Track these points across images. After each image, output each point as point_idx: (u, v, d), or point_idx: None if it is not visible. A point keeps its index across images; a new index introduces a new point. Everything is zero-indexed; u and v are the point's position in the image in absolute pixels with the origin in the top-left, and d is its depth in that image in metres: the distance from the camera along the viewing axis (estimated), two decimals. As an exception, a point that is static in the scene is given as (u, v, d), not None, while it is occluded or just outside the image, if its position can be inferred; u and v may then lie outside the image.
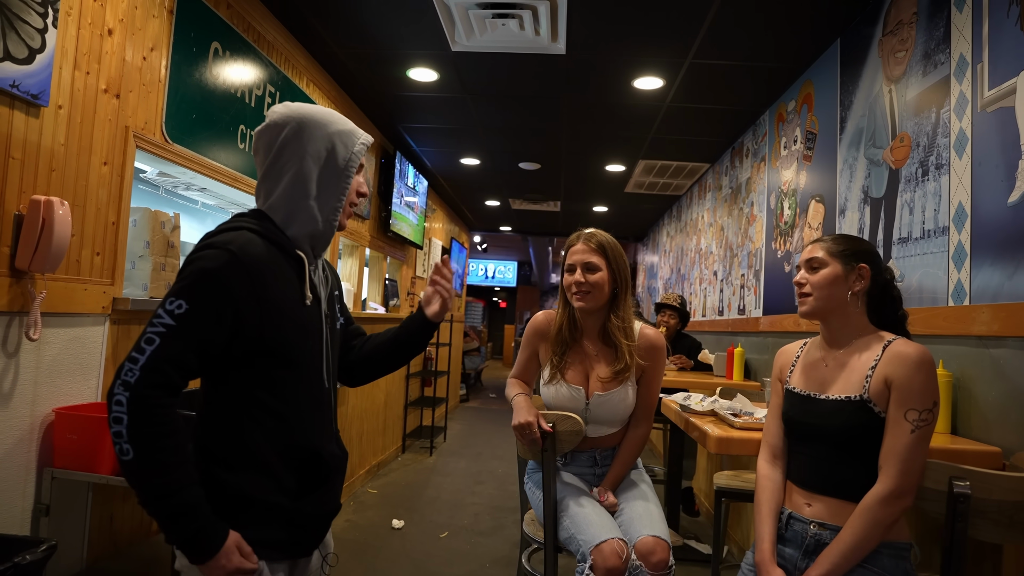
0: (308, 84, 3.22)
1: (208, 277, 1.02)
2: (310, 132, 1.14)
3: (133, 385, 0.96)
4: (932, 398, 1.26)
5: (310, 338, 1.16)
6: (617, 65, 3.16)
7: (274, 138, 1.15)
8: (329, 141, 1.15)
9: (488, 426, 6.98)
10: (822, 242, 1.45)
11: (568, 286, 1.78)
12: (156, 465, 0.97)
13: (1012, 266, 1.60)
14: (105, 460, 1.66)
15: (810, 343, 1.52)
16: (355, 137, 1.19)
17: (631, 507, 1.68)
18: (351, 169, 1.17)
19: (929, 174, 1.99)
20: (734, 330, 3.98)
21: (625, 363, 1.75)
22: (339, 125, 1.17)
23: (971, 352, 1.74)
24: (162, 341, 0.98)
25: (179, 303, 1.00)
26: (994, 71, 1.72)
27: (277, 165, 1.15)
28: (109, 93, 1.87)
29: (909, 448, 1.24)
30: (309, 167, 1.14)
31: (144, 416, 0.96)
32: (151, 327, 0.99)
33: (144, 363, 0.97)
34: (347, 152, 1.17)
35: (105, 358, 1.87)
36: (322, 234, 1.18)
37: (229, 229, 1.10)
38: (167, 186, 2.63)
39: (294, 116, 1.15)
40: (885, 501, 1.24)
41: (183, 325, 0.99)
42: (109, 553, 1.89)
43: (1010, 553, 1.53)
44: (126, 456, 0.96)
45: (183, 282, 1.02)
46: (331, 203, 1.17)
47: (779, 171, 3.39)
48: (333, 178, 1.16)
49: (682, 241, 6.00)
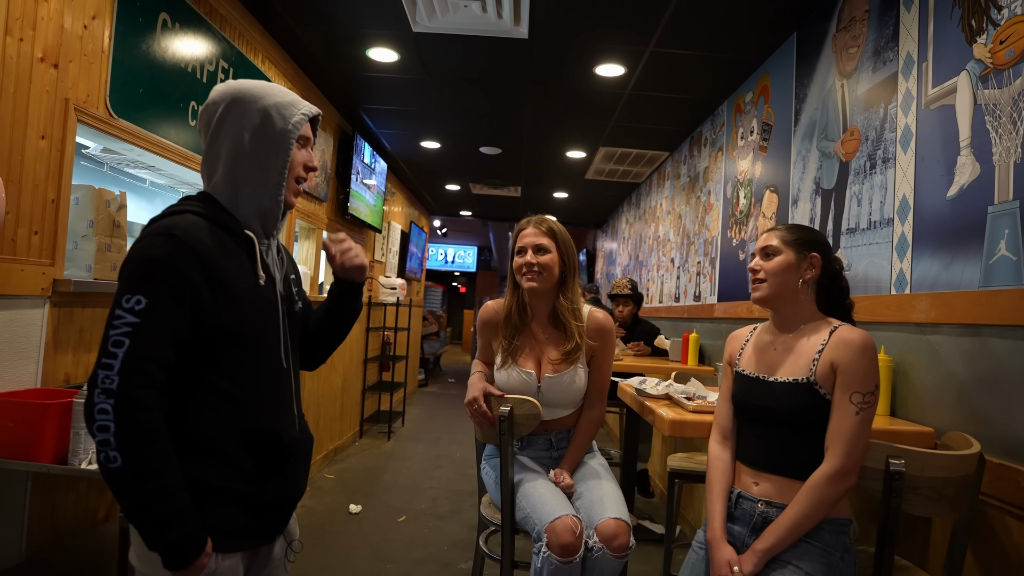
0: (263, 61, 3.12)
1: (159, 265, 0.99)
2: (244, 106, 1.11)
3: (116, 392, 0.93)
4: (874, 381, 1.33)
5: (266, 318, 1.13)
6: (579, 51, 3.16)
7: (211, 117, 1.12)
8: (264, 113, 1.11)
9: (447, 411, 6.98)
10: (777, 231, 1.50)
11: (519, 268, 1.81)
12: (145, 472, 0.94)
13: (948, 257, 1.68)
14: (45, 449, 1.59)
15: (760, 328, 1.57)
16: (294, 108, 1.14)
17: (590, 491, 1.71)
18: (289, 141, 1.13)
19: (876, 167, 2.06)
20: (690, 316, 4.07)
21: (575, 343, 1.79)
22: (276, 97, 1.13)
23: (910, 338, 1.82)
24: (132, 341, 0.95)
25: (137, 298, 0.96)
26: (938, 70, 1.79)
27: (215, 144, 1.12)
28: (46, 62, 1.77)
29: (854, 429, 1.30)
30: (245, 142, 1.11)
31: (132, 423, 0.93)
32: (113, 330, 0.95)
33: (121, 367, 0.94)
34: (284, 123, 1.12)
35: (45, 342, 1.79)
36: (270, 211, 1.14)
37: (172, 213, 1.07)
38: (113, 163, 2.52)
39: (229, 92, 1.12)
40: (831, 480, 1.29)
41: (149, 320, 0.96)
42: (51, 545, 1.83)
43: (937, 525, 1.63)
44: (113, 464, 0.93)
45: (134, 276, 0.98)
46: (273, 178, 1.13)
47: (736, 161, 3.46)
48: (271, 152, 1.12)
49: (641, 228, 6.08)
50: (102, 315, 2.03)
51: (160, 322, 0.97)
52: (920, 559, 1.67)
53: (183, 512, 0.97)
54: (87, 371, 1.97)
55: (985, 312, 1.52)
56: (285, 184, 1.14)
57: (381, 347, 5.98)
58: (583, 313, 1.84)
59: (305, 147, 1.18)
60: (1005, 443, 1.47)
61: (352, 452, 4.80)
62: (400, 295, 5.68)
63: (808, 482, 1.32)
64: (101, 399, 0.93)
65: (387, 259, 6.22)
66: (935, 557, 1.63)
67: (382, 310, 5.91)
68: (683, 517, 3.36)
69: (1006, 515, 1.44)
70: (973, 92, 1.63)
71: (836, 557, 1.30)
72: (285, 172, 1.14)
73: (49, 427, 1.59)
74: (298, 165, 1.17)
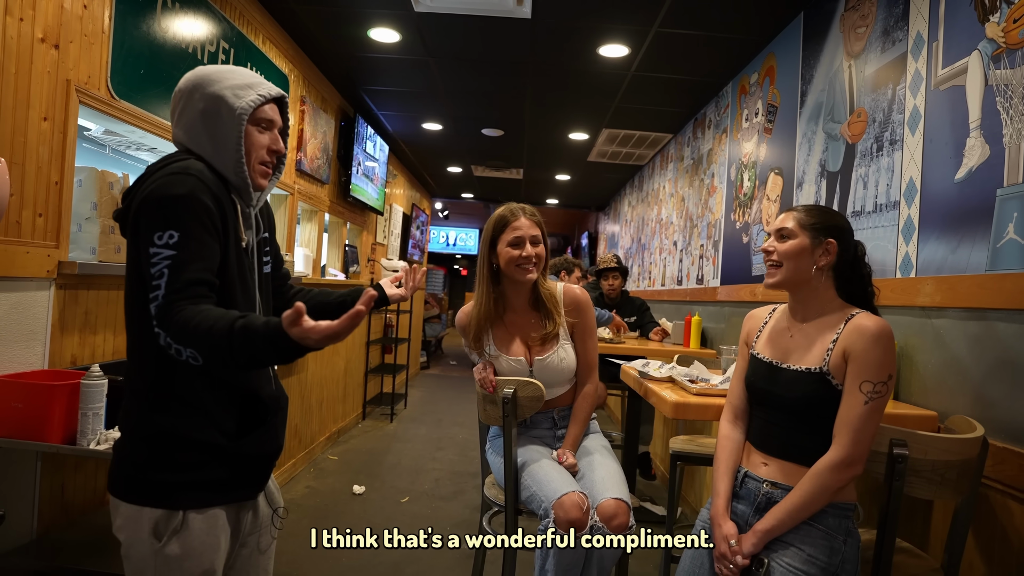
0: (264, 41, 3.08)
1: (186, 200, 1.02)
2: (201, 91, 1.14)
3: (161, 312, 0.98)
4: (888, 371, 1.30)
5: (244, 276, 1.17)
6: (583, 31, 3.12)
7: (176, 104, 1.17)
8: (218, 96, 1.13)
9: (448, 393, 7.02)
10: (795, 212, 1.45)
11: (517, 260, 1.80)
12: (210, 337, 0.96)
13: (955, 240, 1.67)
14: (54, 429, 1.60)
15: (779, 311, 1.55)
16: (250, 89, 1.15)
17: (593, 471, 1.73)
18: (241, 120, 1.13)
19: (883, 149, 2.05)
20: (692, 299, 4.07)
21: (555, 321, 1.85)
22: (233, 80, 1.15)
23: (915, 322, 1.82)
24: (171, 272, 0.99)
25: (170, 232, 1.00)
26: (948, 50, 1.77)
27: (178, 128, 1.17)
28: (47, 43, 1.75)
29: (862, 419, 1.29)
30: (204, 126, 1.14)
31: (179, 325, 0.97)
32: (154, 266, 0.99)
33: (165, 291, 0.98)
34: (236, 103, 1.13)
35: (51, 324, 1.80)
36: (240, 188, 1.17)
37: (178, 159, 1.11)
38: (115, 145, 2.51)
39: (190, 78, 1.16)
40: (835, 468, 1.29)
41: (184, 248, 1.00)
42: (61, 523, 1.85)
43: (938, 508, 1.64)
44: (197, 362, 0.98)
45: (162, 213, 1.01)
46: (231, 157, 1.14)
47: (740, 143, 3.43)
48: (225, 131, 1.13)
49: (643, 211, 6.06)
50: (107, 297, 2.03)
51: (194, 249, 1.02)
52: (920, 542, 1.68)
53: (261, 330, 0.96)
54: (93, 353, 1.98)
55: (992, 296, 1.52)
56: (245, 164, 1.15)
57: (383, 329, 6.00)
58: (558, 291, 1.90)
59: (270, 130, 1.19)
60: (1009, 427, 1.47)
61: (355, 434, 4.83)
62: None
63: (813, 468, 1.32)
64: (156, 324, 0.99)
65: (389, 241, 6.21)
66: (935, 540, 1.64)
67: (384, 293, 5.91)
68: (684, 499, 3.39)
69: (1008, 498, 1.45)
70: (984, 72, 1.61)
71: (839, 540, 1.31)
72: (241, 151, 1.14)
73: (57, 408, 1.60)
74: (259, 148, 1.18)
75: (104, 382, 1.65)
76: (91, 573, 1.65)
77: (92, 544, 1.77)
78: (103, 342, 2.03)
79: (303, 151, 3.64)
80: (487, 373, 1.82)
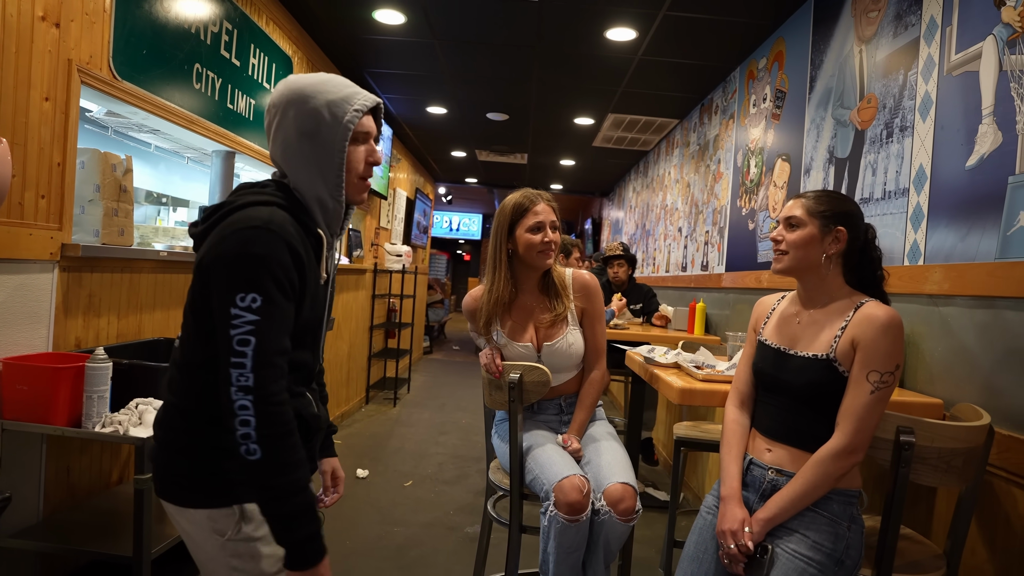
0: (268, 23, 3.05)
1: (265, 262, 1.01)
2: (297, 108, 1.10)
3: (253, 387, 0.97)
4: (895, 361, 1.29)
5: (320, 314, 1.17)
6: (590, 14, 3.08)
7: (271, 120, 1.14)
8: (316, 115, 1.10)
9: (452, 377, 7.04)
10: (804, 199, 1.43)
11: (536, 245, 1.80)
12: (282, 465, 0.98)
13: (965, 228, 1.66)
14: (59, 412, 1.61)
15: (788, 297, 1.55)
16: (347, 104, 1.11)
17: (599, 456, 1.74)
18: (342, 142, 1.10)
19: (893, 136, 2.02)
20: (697, 286, 4.05)
21: (564, 304, 1.86)
22: (329, 94, 1.11)
23: (922, 310, 1.81)
24: (257, 339, 0.98)
25: (252, 296, 0.99)
26: (962, 35, 1.74)
27: (275, 147, 1.14)
28: (48, 21, 1.73)
29: (866, 408, 1.28)
30: (299, 146, 1.11)
31: (270, 416, 0.98)
32: (235, 329, 0.98)
33: (253, 364, 0.98)
34: (336, 123, 1.10)
35: (55, 307, 1.80)
36: (333, 213, 1.14)
37: (260, 203, 1.07)
38: (117, 127, 2.49)
39: (284, 94, 1.11)
40: (837, 456, 1.29)
41: (267, 315, 0.99)
42: (67, 505, 1.86)
43: (942, 495, 1.64)
44: (253, 456, 0.97)
45: (244, 274, 1.00)
46: (331, 181, 1.12)
47: (747, 129, 3.40)
48: (325, 155, 1.11)
49: (648, 197, 6.02)
50: (111, 280, 2.03)
51: (277, 316, 1.01)
52: (924, 528, 1.69)
53: (312, 509, 1.01)
54: (97, 336, 1.98)
55: (1001, 284, 1.51)
56: (344, 185, 1.13)
57: (387, 314, 6.00)
58: (567, 276, 1.91)
59: (366, 142, 1.16)
60: (1015, 415, 1.47)
61: (359, 418, 4.85)
62: (406, 262, 5.67)
63: (815, 456, 1.32)
64: (239, 396, 0.97)
65: (392, 226, 6.20)
66: (939, 526, 1.64)
67: (388, 277, 5.91)
68: (687, 485, 3.40)
69: (1012, 486, 1.45)
70: (999, 58, 1.59)
71: (843, 527, 1.31)
72: (342, 174, 1.12)
73: (63, 391, 1.60)
74: (359, 163, 1.15)
75: (109, 365, 1.65)
76: (97, 555, 1.66)
77: (98, 526, 1.78)
78: (107, 325, 2.03)
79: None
80: (493, 359, 1.82)
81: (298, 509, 0.99)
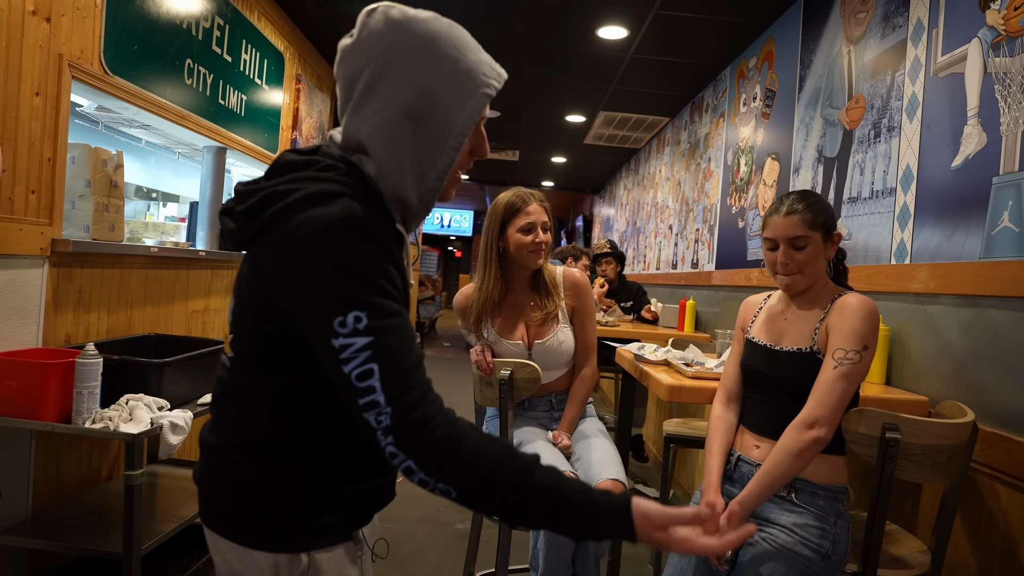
0: (260, 18, 3.04)
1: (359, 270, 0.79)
2: (407, 72, 0.82)
3: (392, 426, 0.77)
4: (863, 341, 1.32)
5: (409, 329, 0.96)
6: (582, 12, 3.09)
7: (357, 71, 0.84)
8: (432, 94, 0.82)
9: (442, 374, 7.04)
10: (799, 215, 1.40)
11: (527, 246, 1.81)
12: (482, 485, 0.79)
13: (951, 227, 1.68)
14: (49, 407, 1.60)
15: (774, 296, 1.58)
16: (472, 80, 0.84)
17: (590, 452, 1.75)
18: (461, 137, 0.85)
19: (881, 136, 2.05)
20: (687, 283, 4.08)
21: (555, 303, 1.87)
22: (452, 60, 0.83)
23: (908, 308, 1.84)
24: (381, 363, 0.77)
25: (355, 315, 0.77)
26: (948, 37, 1.76)
27: (363, 109, 0.84)
28: (38, 16, 1.72)
29: (828, 382, 1.32)
30: (399, 127, 0.83)
31: (427, 447, 0.78)
32: (348, 364, 0.77)
33: (386, 397, 0.77)
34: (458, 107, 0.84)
35: (45, 302, 1.79)
36: (415, 216, 0.91)
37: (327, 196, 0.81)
38: (107, 122, 2.48)
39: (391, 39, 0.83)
40: (797, 427, 1.31)
41: (382, 331, 0.78)
42: (56, 502, 1.86)
43: (927, 491, 1.67)
44: (450, 495, 0.80)
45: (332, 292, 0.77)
46: (430, 183, 0.86)
47: (737, 128, 3.42)
48: (434, 148, 0.85)
49: (639, 194, 6.05)
50: (101, 275, 2.02)
51: (393, 327, 0.80)
52: (909, 524, 1.71)
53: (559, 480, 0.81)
54: (87, 331, 1.97)
55: (985, 283, 1.53)
56: (443, 184, 0.89)
57: (378, 311, 5.98)
58: (557, 275, 1.92)
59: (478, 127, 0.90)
60: (998, 412, 1.49)
61: (350, 414, 4.84)
62: (397, 260, 5.66)
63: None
64: (387, 441, 0.78)
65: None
66: (924, 522, 1.67)
67: (379, 274, 5.89)
68: (676, 481, 3.43)
69: (995, 482, 1.48)
70: (984, 60, 1.61)
71: (830, 522, 1.33)
72: (446, 176, 0.88)
73: (52, 386, 1.60)
74: (466, 155, 0.90)
75: (99, 360, 1.65)
76: (86, 551, 1.66)
77: (87, 522, 1.78)
78: (97, 320, 2.02)
79: (298, 130, 3.61)
80: (484, 355, 1.83)
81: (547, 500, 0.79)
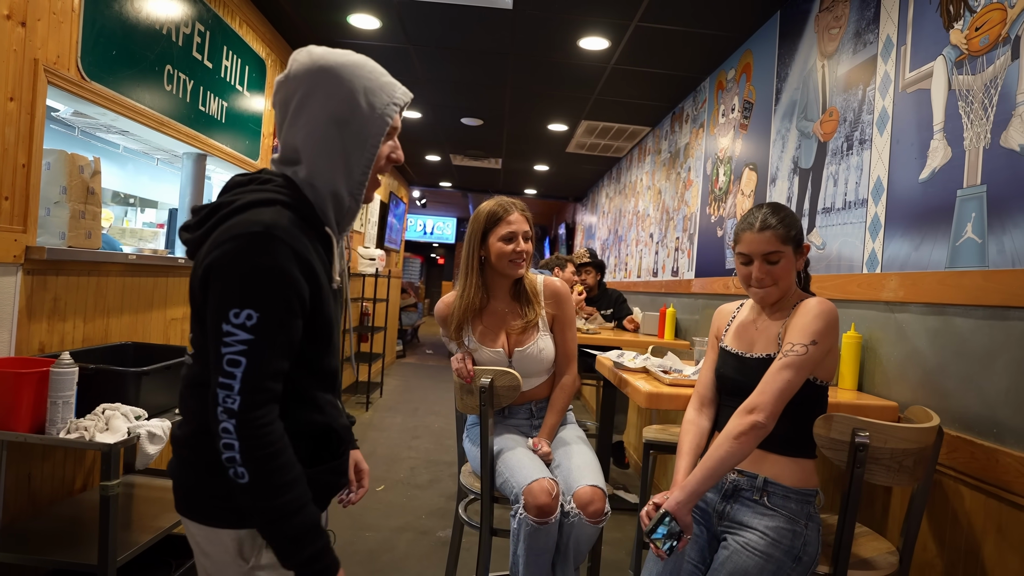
0: (241, 25, 3.03)
1: (268, 275, 0.91)
2: (328, 90, 0.99)
3: (238, 411, 0.89)
4: (812, 337, 1.36)
5: (335, 319, 1.09)
6: (564, 23, 3.13)
7: (290, 95, 1.01)
8: (351, 101, 0.99)
9: (424, 382, 7.02)
10: (772, 230, 1.44)
11: (509, 255, 1.82)
12: (274, 487, 0.91)
13: (919, 238, 1.73)
14: (21, 418, 1.58)
15: (746, 304, 1.62)
16: (385, 96, 1.02)
17: (569, 459, 1.77)
18: (377, 137, 1.01)
19: (853, 148, 2.10)
20: (667, 291, 4.13)
21: (535, 311, 1.88)
22: (366, 80, 1.01)
23: (879, 316, 1.88)
24: (249, 360, 0.89)
25: (247, 312, 0.89)
26: (915, 54, 1.82)
27: (293, 129, 1.01)
28: (13, 20, 1.70)
29: (772, 372, 1.36)
30: (327, 134, 0.99)
31: (255, 439, 0.90)
32: (227, 347, 0.89)
33: (241, 387, 0.89)
34: (372, 114, 1.00)
35: (19, 310, 1.76)
36: (348, 211, 1.04)
37: (261, 203, 0.95)
38: (84, 127, 2.45)
39: (311, 69, 0.99)
40: (738, 413, 1.36)
41: (263, 335, 0.90)
42: (28, 514, 1.82)
43: (896, 494, 1.71)
44: (241, 480, 0.91)
45: (239, 285, 0.90)
46: (355, 177, 1.02)
47: (716, 138, 3.48)
48: (356, 147, 1.01)
49: (620, 203, 6.10)
50: (76, 283, 1.99)
51: (274, 335, 0.91)
52: (879, 526, 1.75)
53: (316, 527, 0.95)
54: (62, 340, 1.95)
55: (950, 292, 1.58)
56: (367, 182, 1.04)
57: (360, 318, 5.96)
58: (538, 283, 1.93)
59: (392, 137, 1.07)
60: (962, 417, 1.54)
61: (330, 422, 4.81)
62: (379, 266, 5.65)
63: None
64: (224, 418, 0.90)
65: (366, 229, 6.17)
66: (893, 524, 1.71)
67: (361, 281, 5.88)
68: (657, 487, 3.46)
69: (959, 484, 1.52)
70: (948, 77, 1.67)
71: (800, 524, 1.36)
72: (369, 171, 1.03)
73: (25, 396, 1.57)
74: (380, 160, 1.05)
75: (75, 370, 1.63)
76: (58, 563, 1.63)
77: (61, 534, 1.75)
78: (72, 329, 1.99)
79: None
80: (465, 363, 1.84)
81: (298, 530, 0.93)
